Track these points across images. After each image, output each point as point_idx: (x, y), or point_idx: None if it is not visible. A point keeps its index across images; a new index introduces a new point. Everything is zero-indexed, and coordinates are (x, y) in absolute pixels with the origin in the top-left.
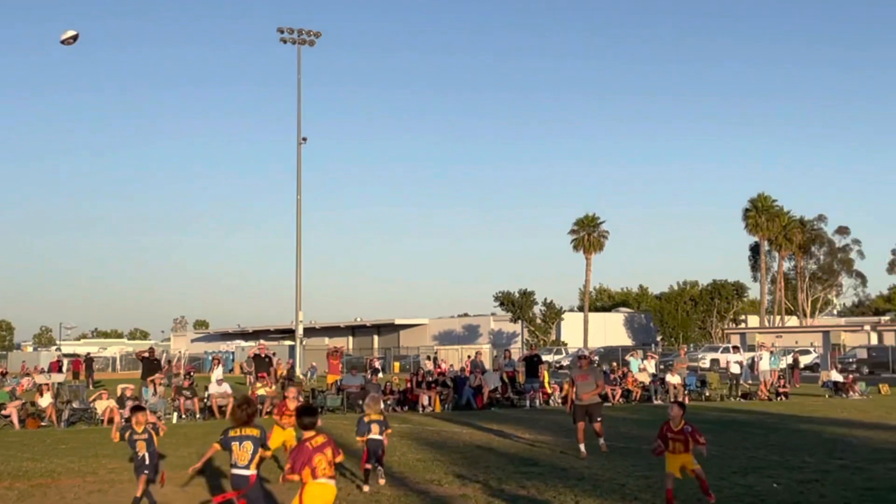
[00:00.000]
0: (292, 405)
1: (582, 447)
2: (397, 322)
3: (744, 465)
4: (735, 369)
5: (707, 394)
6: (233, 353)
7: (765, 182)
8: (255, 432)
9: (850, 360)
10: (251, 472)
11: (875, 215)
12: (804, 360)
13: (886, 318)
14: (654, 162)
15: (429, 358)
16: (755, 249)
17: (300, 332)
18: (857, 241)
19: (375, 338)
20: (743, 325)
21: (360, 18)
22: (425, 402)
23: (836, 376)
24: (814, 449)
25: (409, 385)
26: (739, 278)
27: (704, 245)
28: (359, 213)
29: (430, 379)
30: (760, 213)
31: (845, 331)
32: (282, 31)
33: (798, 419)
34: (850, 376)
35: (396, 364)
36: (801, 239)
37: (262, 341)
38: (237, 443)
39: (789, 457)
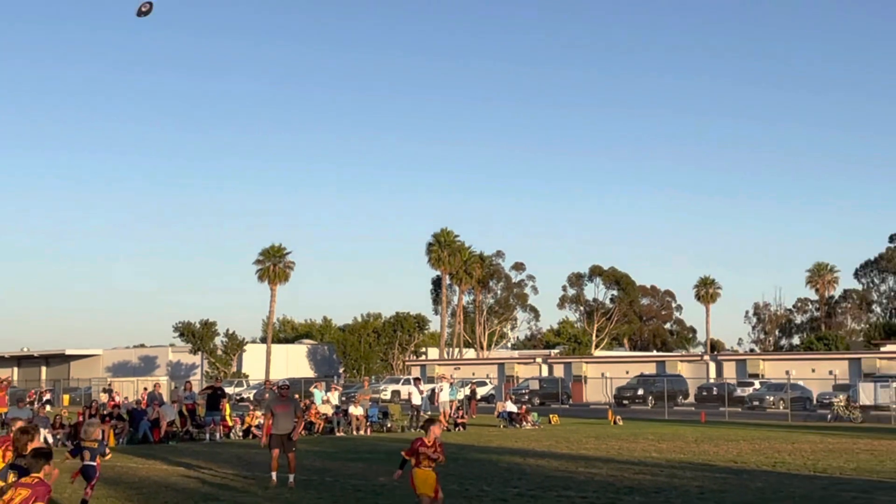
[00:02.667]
0: None
1: (273, 475)
2: (68, 352)
3: None
4: (416, 400)
5: (389, 425)
6: None
7: (448, 218)
8: None
9: (524, 391)
10: None
11: (548, 253)
12: (481, 392)
13: (556, 351)
14: (341, 193)
15: (104, 390)
16: (437, 283)
17: None
18: (531, 277)
19: (44, 369)
20: (424, 356)
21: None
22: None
23: (510, 407)
24: (491, 478)
25: (80, 418)
26: (422, 311)
27: (389, 278)
28: (24, 238)
29: (105, 412)
30: (443, 248)
31: (519, 363)
32: None
33: (476, 449)
34: (524, 407)
35: (66, 396)
36: (480, 274)
37: None
38: None
39: (468, 486)
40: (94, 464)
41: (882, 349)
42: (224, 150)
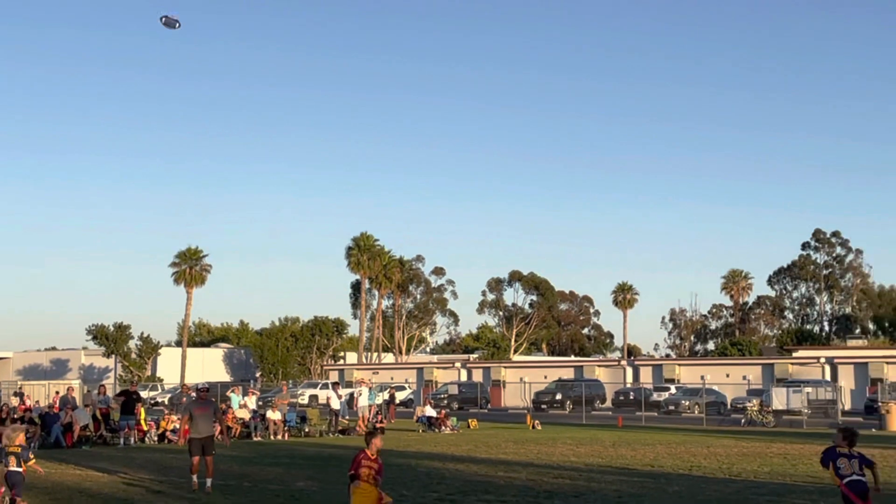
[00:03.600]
0: None
1: (194, 479)
2: None
3: (345, 500)
4: (335, 405)
5: (307, 430)
6: None
7: (368, 222)
8: None
9: (443, 395)
10: None
11: (468, 258)
12: (400, 396)
13: (475, 355)
14: (260, 196)
15: (15, 394)
16: (356, 287)
17: None
18: (451, 282)
19: None
20: (342, 361)
21: None
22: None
23: (430, 411)
24: (411, 483)
25: None
26: (340, 315)
27: (308, 282)
28: None
29: (16, 416)
30: (363, 252)
31: (438, 367)
32: None
33: (395, 453)
34: (443, 411)
35: None
36: (399, 278)
37: None
38: None
39: (388, 491)
40: (20, 470)
41: (794, 355)
42: (140, 150)
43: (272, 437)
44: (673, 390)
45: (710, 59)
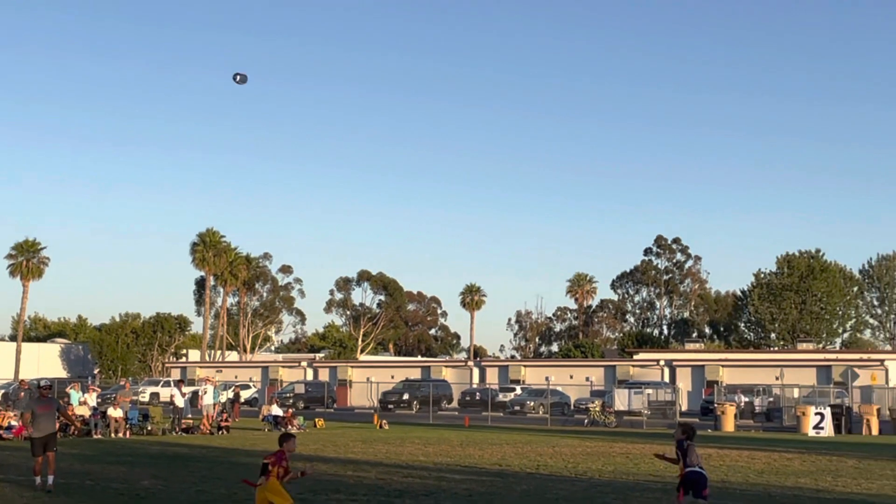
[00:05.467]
0: None
1: (38, 479)
2: None
3: (192, 498)
4: (179, 403)
5: (149, 428)
6: None
7: (214, 218)
8: None
9: (288, 394)
10: None
11: (316, 257)
12: (245, 395)
13: (321, 354)
14: (102, 187)
15: None
16: (201, 284)
17: None
18: (298, 280)
19: None
20: (184, 358)
21: None
22: None
23: (276, 410)
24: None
25: None
26: (184, 312)
27: (150, 277)
28: None
29: None
30: (208, 248)
31: (283, 366)
32: None
33: (242, 452)
34: (290, 410)
35: None
36: (246, 275)
37: None
38: None
39: (237, 490)
40: None
41: (635, 357)
42: None
43: (113, 435)
44: (518, 391)
45: (570, 62)
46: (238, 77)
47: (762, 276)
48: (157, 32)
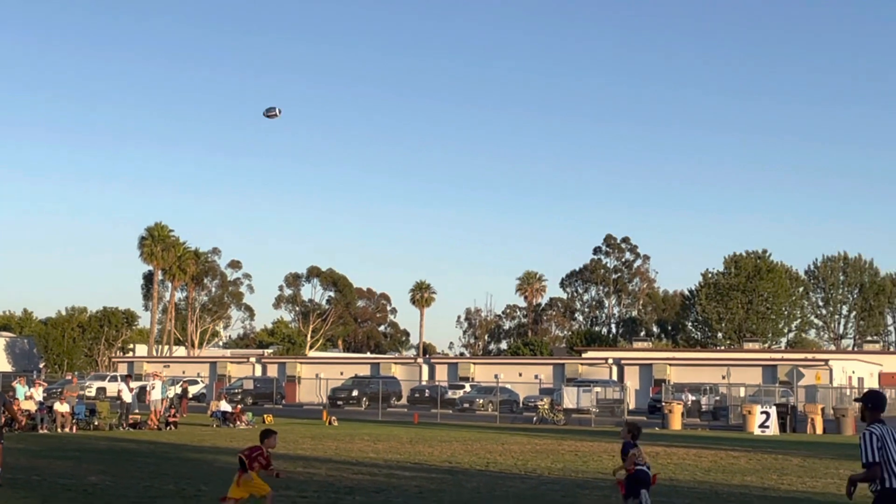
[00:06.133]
0: None
1: None
2: None
3: (140, 494)
4: (127, 398)
5: (96, 423)
6: None
7: (163, 212)
8: None
9: (237, 390)
10: None
11: (266, 252)
12: (192, 390)
13: (270, 350)
14: (48, 180)
15: None
16: (149, 278)
17: None
18: (248, 276)
19: None
20: (131, 353)
21: None
22: None
23: (224, 406)
24: (208, 478)
25: None
26: (131, 306)
27: (97, 271)
28: None
29: None
30: (157, 243)
31: (231, 362)
32: None
33: (190, 448)
34: (238, 406)
35: None
36: (194, 270)
37: None
38: None
39: (185, 486)
40: None
41: (584, 355)
42: None
43: (59, 430)
44: (468, 388)
45: (519, 58)
46: (272, 112)
47: (710, 275)
48: (105, 19)
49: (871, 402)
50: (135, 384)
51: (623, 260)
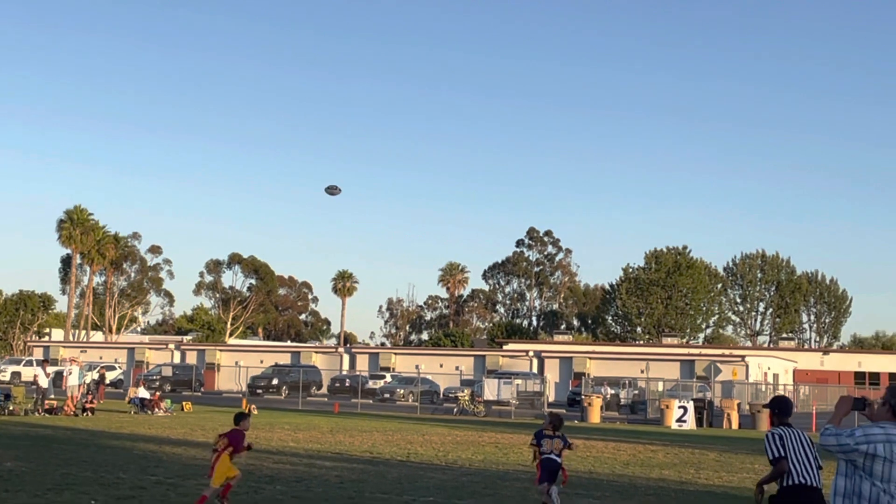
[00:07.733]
0: None
1: None
2: None
3: (58, 482)
4: (43, 383)
5: (11, 408)
6: None
7: (82, 195)
8: None
9: (155, 377)
10: None
11: (187, 238)
12: (110, 376)
13: (189, 337)
14: None
15: None
16: (67, 262)
17: None
18: (168, 261)
19: None
20: (47, 338)
21: None
22: None
23: (143, 393)
24: (127, 465)
25: None
26: (48, 290)
27: (13, 254)
28: None
29: None
30: (75, 226)
31: (150, 348)
32: None
33: (108, 435)
34: (157, 393)
35: None
36: (113, 255)
37: None
38: None
39: (103, 473)
40: None
41: (504, 347)
42: None
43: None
44: (388, 378)
45: (446, 46)
46: (334, 190)
47: (630, 270)
48: None
49: (778, 408)
50: (51, 369)
51: (545, 253)
